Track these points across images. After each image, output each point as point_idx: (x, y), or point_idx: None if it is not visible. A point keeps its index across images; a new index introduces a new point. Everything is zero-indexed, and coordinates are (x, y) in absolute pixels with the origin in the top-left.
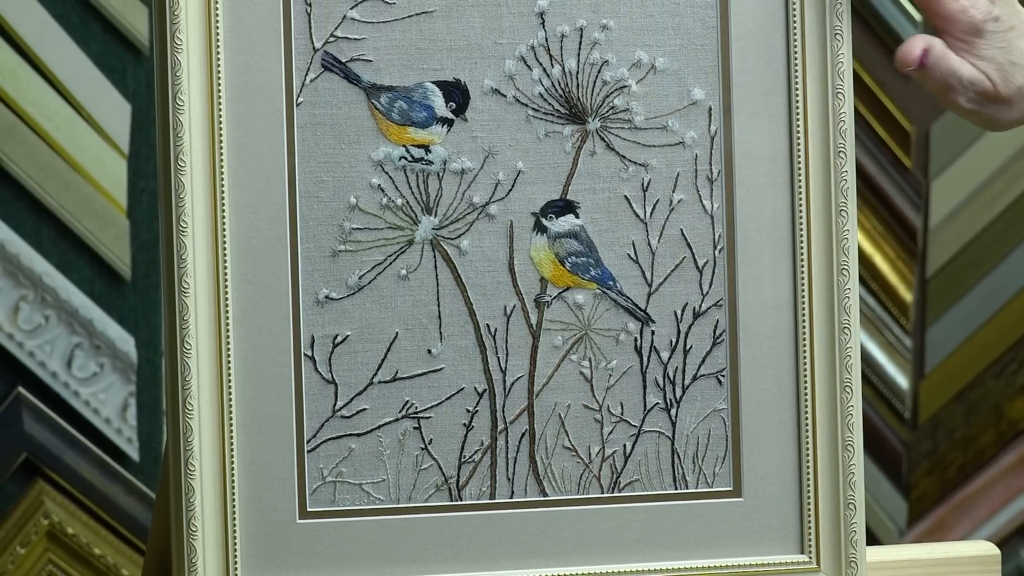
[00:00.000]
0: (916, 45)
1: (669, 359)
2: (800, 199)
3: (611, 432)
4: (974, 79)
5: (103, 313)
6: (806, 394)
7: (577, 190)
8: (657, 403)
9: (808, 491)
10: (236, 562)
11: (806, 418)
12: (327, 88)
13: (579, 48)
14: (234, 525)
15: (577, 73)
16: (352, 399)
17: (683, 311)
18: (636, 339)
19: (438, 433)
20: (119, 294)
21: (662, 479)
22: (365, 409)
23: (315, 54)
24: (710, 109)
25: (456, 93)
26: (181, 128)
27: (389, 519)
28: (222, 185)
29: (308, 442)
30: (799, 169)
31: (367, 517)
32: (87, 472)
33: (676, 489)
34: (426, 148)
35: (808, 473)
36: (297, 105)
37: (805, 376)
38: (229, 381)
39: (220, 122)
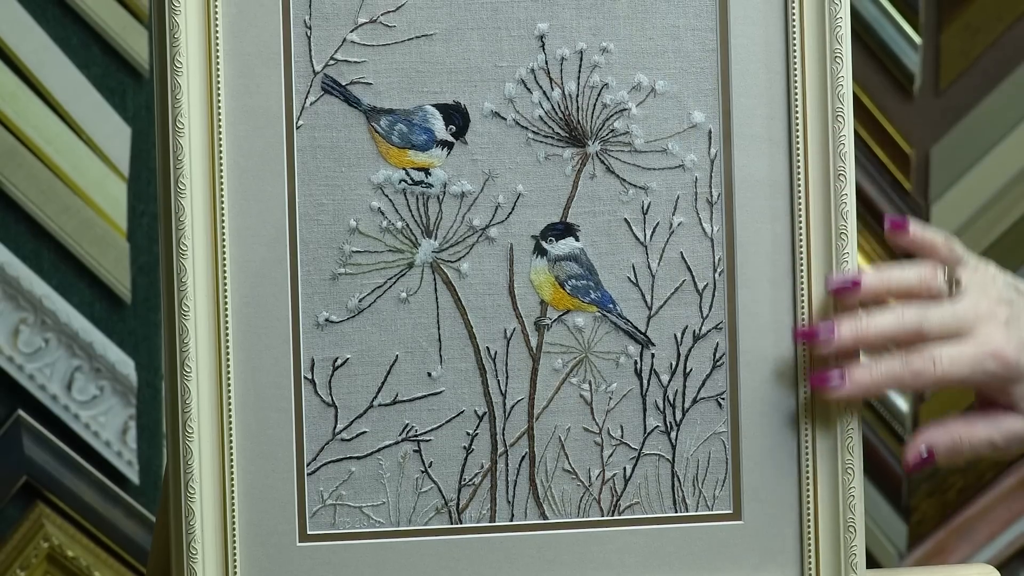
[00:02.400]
0: (916, 448)
1: (669, 382)
2: (800, 222)
3: (611, 455)
4: (1008, 435)
5: (103, 336)
6: (806, 417)
7: (577, 213)
8: (657, 426)
9: (808, 514)
10: None
11: (806, 441)
12: (327, 111)
13: (579, 71)
14: (234, 548)
15: (577, 96)
16: (352, 422)
17: (683, 334)
18: (636, 362)
19: (438, 456)
20: (119, 317)
21: (662, 502)
22: (365, 432)
23: (315, 77)
24: (710, 132)
25: (456, 116)
26: (181, 151)
27: (389, 542)
28: (222, 208)
29: (308, 465)
30: (799, 192)
31: (367, 540)
32: (87, 495)
33: (676, 512)
34: (426, 171)
35: (808, 496)
36: (297, 128)
37: (804, 401)
38: (229, 404)
39: (220, 145)
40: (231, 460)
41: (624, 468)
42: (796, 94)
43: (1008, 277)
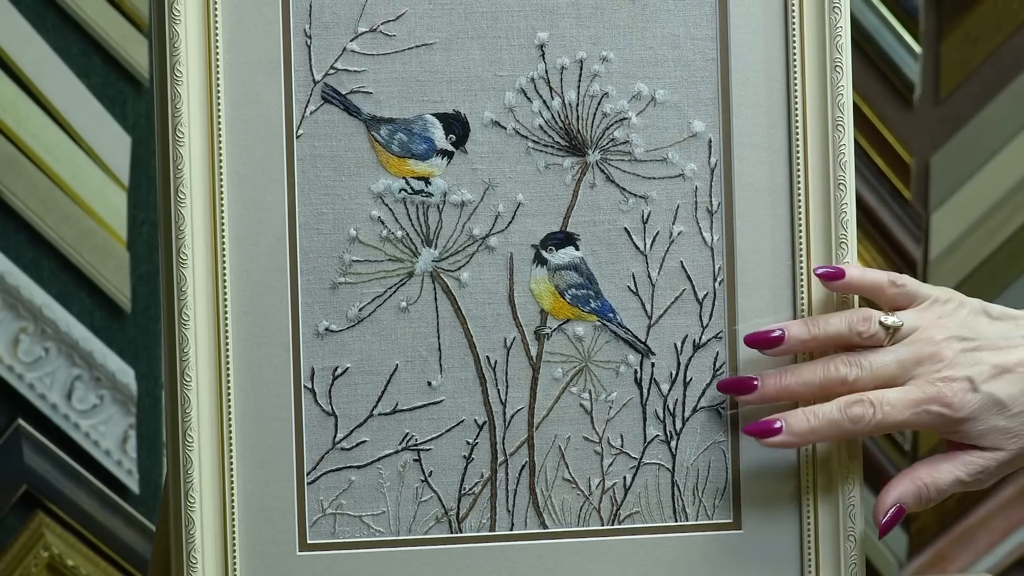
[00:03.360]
0: (883, 509)
1: (669, 391)
2: (800, 231)
3: (611, 464)
4: (973, 471)
5: (103, 345)
6: None
7: (577, 222)
8: (657, 435)
9: (808, 523)
10: None
11: (806, 450)
12: (327, 120)
13: (579, 80)
14: (234, 557)
15: (577, 105)
16: (352, 431)
17: (683, 343)
18: (636, 371)
19: (438, 465)
20: (119, 326)
21: (662, 511)
22: (365, 441)
23: (315, 86)
24: (710, 141)
25: (456, 125)
26: (181, 160)
27: (389, 551)
28: (222, 217)
29: (308, 474)
30: (799, 201)
31: (367, 549)
32: (87, 504)
33: (676, 521)
34: (426, 180)
35: (808, 505)
36: (297, 137)
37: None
38: (229, 413)
39: (220, 154)
40: (231, 469)
41: (624, 477)
42: (796, 103)
43: (976, 304)
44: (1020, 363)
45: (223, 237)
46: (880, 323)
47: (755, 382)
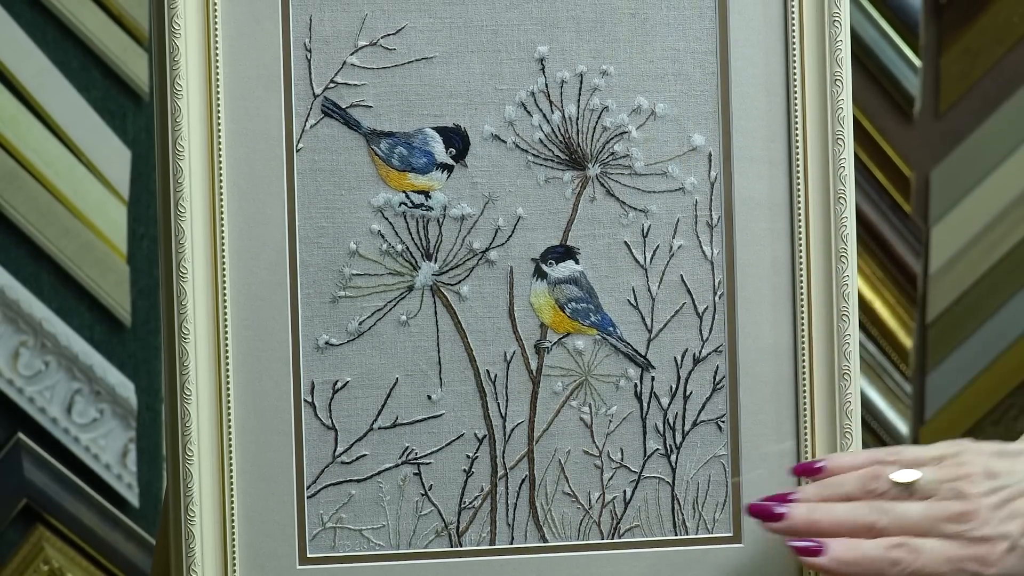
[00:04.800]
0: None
1: (669, 405)
2: (800, 245)
3: (611, 478)
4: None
5: (103, 359)
6: (806, 440)
7: (577, 236)
8: (657, 449)
9: None
10: None
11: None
12: (327, 134)
13: (579, 94)
14: (234, 571)
15: (577, 119)
16: (352, 445)
17: (683, 357)
18: (636, 385)
19: (438, 479)
20: (119, 340)
21: (662, 525)
22: (365, 455)
23: (315, 100)
24: (710, 155)
25: (456, 139)
26: (181, 174)
27: (389, 565)
28: (222, 231)
29: (308, 488)
30: (799, 215)
31: (367, 563)
32: (87, 518)
33: (676, 535)
34: (426, 194)
35: None
36: (297, 151)
37: (805, 422)
38: (229, 427)
39: (220, 168)
40: (231, 483)
41: (624, 491)
42: (796, 117)
43: (991, 448)
44: None
45: (223, 251)
46: (892, 481)
47: (783, 511)
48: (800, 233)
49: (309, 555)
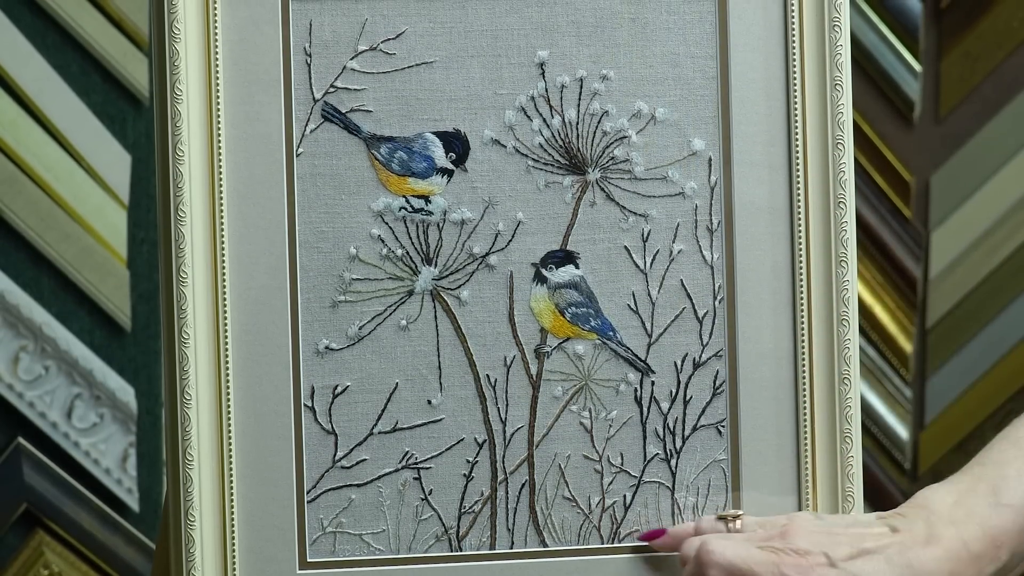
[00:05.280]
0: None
1: (669, 409)
2: (800, 249)
3: (611, 482)
4: None
5: (103, 364)
6: (806, 445)
7: (577, 240)
8: (657, 453)
9: None
10: None
11: (806, 469)
12: (327, 139)
13: (579, 98)
14: None
15: (577, 123)
16: (352, 449)
17: (683, 361)
18: (636, 389)
19: (438, 484)
20: (119, 344)
21: None
22: (365, 460)
23: (315, 104)
24: (710, 159)
25: (456, 143)
26: (181, 179)
27: (389, 570)
28: (222, 236)
29: (308, 492)
30: (799, 219)
31: (367, 568)
32: (87, 523)
33: None
34: (426, 198)
35: None
36: (297, 156)
37: (805, 427)
38: (229, 432)
39: (220, 173)
40: (231, 488)
41: (624, 496)
42: (796, 121)
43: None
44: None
45: (223, 255)
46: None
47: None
48: (800, 237)
49: (309, 559)
